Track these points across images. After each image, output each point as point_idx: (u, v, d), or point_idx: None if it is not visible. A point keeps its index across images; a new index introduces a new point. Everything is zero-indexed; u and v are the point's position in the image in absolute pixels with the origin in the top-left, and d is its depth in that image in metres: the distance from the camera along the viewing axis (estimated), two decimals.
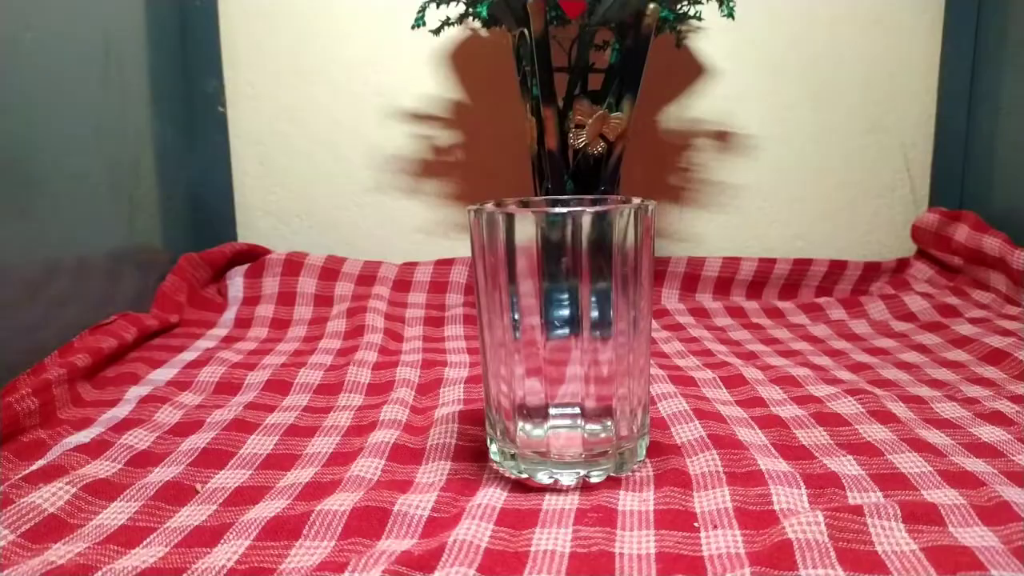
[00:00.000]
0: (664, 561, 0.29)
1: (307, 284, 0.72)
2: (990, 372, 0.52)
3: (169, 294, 0.67)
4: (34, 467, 0.37)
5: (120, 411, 0.46)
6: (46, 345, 0.50)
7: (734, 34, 0.76)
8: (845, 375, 0.52)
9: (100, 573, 0.29)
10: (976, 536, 0.30)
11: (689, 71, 0.78)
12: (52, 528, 0.32)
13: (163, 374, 0.53)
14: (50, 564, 0.30)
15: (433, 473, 0.37)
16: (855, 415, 0.43)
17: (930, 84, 0.79)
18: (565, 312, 0.37)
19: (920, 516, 0.31)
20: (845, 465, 0.37)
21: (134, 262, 0.64)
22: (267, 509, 0.33)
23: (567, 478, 0.35)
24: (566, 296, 0.36)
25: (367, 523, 0.32)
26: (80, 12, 0.56)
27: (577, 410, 0.35)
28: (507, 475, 0.37)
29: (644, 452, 0.38)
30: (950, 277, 0.73)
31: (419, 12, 0.64)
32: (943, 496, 0.33)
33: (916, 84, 0.79)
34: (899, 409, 0.44)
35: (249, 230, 0.80)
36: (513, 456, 0.36)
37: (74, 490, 0.35)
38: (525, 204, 0.39)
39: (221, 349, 0.60)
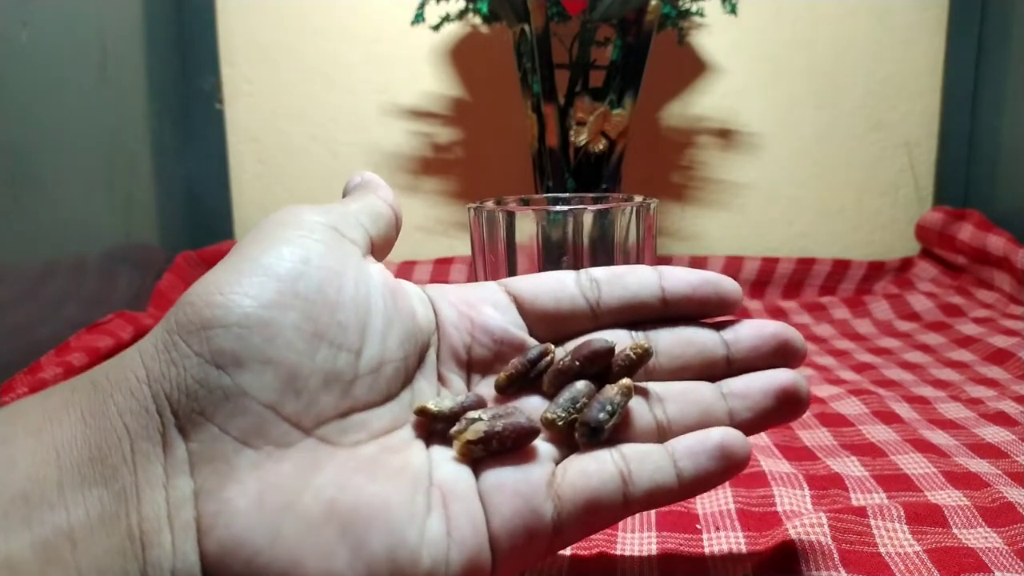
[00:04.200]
0: (666, 563, 0.29)
1: None
2: (994, 372, 0.51)
3: (166, 293, 0.67)
4: None
5: None
6: (42, 344, 0.49)
7: (736, 31, 0.76)
8: (849, 375, 0.51)
9: None
10: (980, 537, 0.29)
11: (691, 68, 0.78)
12: None
13: None
14: None
15: None
16: (859, 415, 0.43)
17: (934, 82, 0.78)
18: None
19: (924, 517, 0.30)
20: (848, 466, 0.36)
21: (131, 260, 0.64)
22: None
23: None
24: None
25: None
26: (77, 9, 0.56)
27: None
28: None
29: None
30: (954, 276, 0.72)
31: (419, 8, 0.64)
32: (947, 497, 0.33)
33: (920, 82, 0.78)
34: (903, 409, 0.44)
35: (247, 228, 0.80)
36: None
37: None
38: (526, 202, 0.38)
39: None
